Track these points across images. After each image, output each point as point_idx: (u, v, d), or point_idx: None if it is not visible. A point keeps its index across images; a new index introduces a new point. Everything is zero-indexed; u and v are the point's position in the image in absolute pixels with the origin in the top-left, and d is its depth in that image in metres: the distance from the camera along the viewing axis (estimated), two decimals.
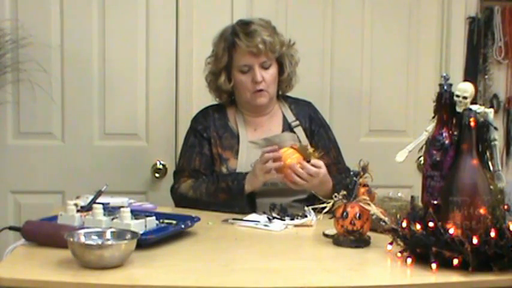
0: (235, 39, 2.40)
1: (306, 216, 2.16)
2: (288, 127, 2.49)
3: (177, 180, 2.47)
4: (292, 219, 2.17)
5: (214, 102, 2.59)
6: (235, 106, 2.54)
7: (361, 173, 1.93)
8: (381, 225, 1.92)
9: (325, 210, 1.94)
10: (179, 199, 2.43)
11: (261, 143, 2.44)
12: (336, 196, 1.93)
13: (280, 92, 2.53)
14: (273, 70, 2.43)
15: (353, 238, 1.90)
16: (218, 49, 2.46)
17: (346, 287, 1.63)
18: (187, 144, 2.50)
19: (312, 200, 2.27)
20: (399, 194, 2.16)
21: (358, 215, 1.88)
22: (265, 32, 2.40)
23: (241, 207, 2.29)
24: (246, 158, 2.42)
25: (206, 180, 2.39)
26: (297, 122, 2.50)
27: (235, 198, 2.31)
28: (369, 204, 1.89)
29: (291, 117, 2.51)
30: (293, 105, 2.55)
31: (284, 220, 2.16)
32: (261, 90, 2.41)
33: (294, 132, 2.48)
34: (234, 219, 2.19)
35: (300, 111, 2.53)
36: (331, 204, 1.93)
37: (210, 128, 2.48)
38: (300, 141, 2.44)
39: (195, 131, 2.50)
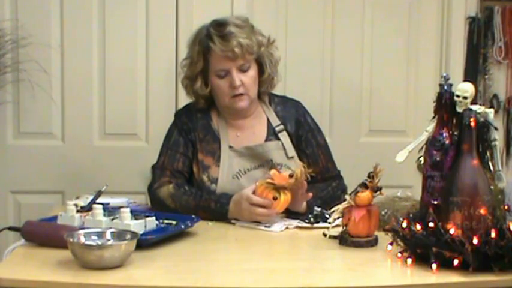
0: (210, 43, 2.25)
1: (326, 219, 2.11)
2: (272, 131, 2.35)
3: (157, 179, 2.31)
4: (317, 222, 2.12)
5: None
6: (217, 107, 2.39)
7: (368, 179, 1.92)
8: (381, 224, 1.93)
9: (332, 209, 1.96)
10: (156, 203, 2.27)
11: (243, 152, 2.32)
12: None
13: (260, 93, 2.38)
14: (252, 72, 2.29)
15: (349, 238, 1.90)
16: (193, 53, 2.32)
17: (346, 287, 1.63)
18: (170, 140, 2.36)
19: None
20: (408, 194, 2.15)
21: (355, 216, 1.89)
22: (241, 34, 2.25)
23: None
24: (228, 166, 2.30)
25: (188, 193, 2.24)
26: (282, 127, 2.35)
27: (216, 218, 2.19)
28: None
29: (275, 121, 2.36)
30: (279, 107, 2.40)
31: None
32: (240, 94, 2.28)
33: (279, 139, 2.34)
34: (234, 219, 2.18)
35: (286, 114, 2.38)
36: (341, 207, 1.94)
37: (194, 130, 2.34)
38: (284, 149, 2.33)
39: (180, 128, 2.36)
